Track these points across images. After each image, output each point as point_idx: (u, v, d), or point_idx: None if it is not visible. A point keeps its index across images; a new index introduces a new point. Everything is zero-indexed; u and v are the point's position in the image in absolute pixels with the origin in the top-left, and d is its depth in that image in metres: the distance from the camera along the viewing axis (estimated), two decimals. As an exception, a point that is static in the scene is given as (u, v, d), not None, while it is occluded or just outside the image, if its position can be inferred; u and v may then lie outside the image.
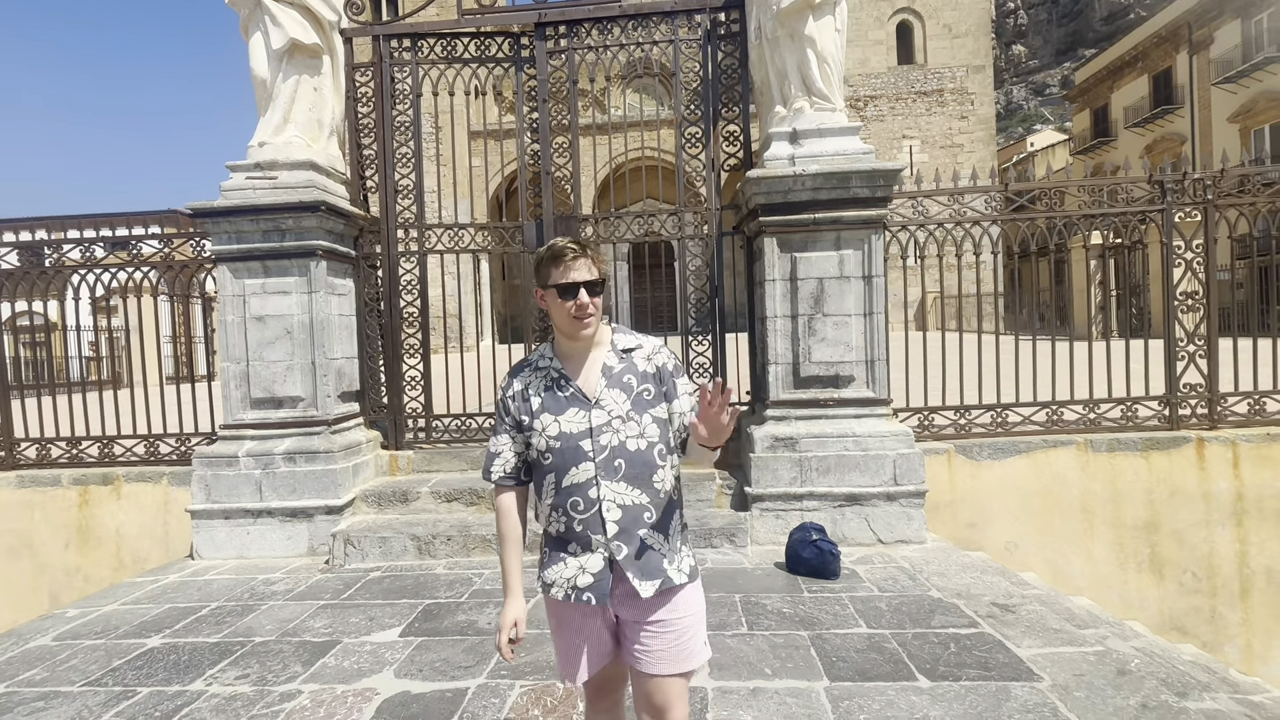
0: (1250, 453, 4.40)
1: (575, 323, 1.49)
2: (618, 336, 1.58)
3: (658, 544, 1.49)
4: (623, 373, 1.52)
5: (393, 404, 5.03)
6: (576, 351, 1.54)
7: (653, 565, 1.48)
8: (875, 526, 4.06)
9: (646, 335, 1.62)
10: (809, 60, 4.27)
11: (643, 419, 1.49)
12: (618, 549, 1.45)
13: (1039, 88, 54.51)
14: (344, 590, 3.64)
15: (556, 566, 1.51)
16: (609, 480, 1.46)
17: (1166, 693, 2.37)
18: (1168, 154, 17.12)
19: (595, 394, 1.50)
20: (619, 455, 1.47)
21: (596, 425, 1.47)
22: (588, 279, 1.48)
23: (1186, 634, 4.31)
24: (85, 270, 5.02)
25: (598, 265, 1.51)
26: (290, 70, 4.52)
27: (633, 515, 1.47)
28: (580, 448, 1.46)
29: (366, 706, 2.43)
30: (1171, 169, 4.65)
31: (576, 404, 1.49)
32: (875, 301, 4.24)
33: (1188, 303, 4.66)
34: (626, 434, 1.48)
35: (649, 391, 1.52)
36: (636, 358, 1.55)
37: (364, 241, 4.99)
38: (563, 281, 1.47)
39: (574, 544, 1.49)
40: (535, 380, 1.55)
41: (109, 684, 2.68)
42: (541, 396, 1.52)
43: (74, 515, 4.94)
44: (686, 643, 1.50)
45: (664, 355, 1.58)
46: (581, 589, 1.48)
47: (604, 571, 1.47)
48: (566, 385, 1.52)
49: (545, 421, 1.49)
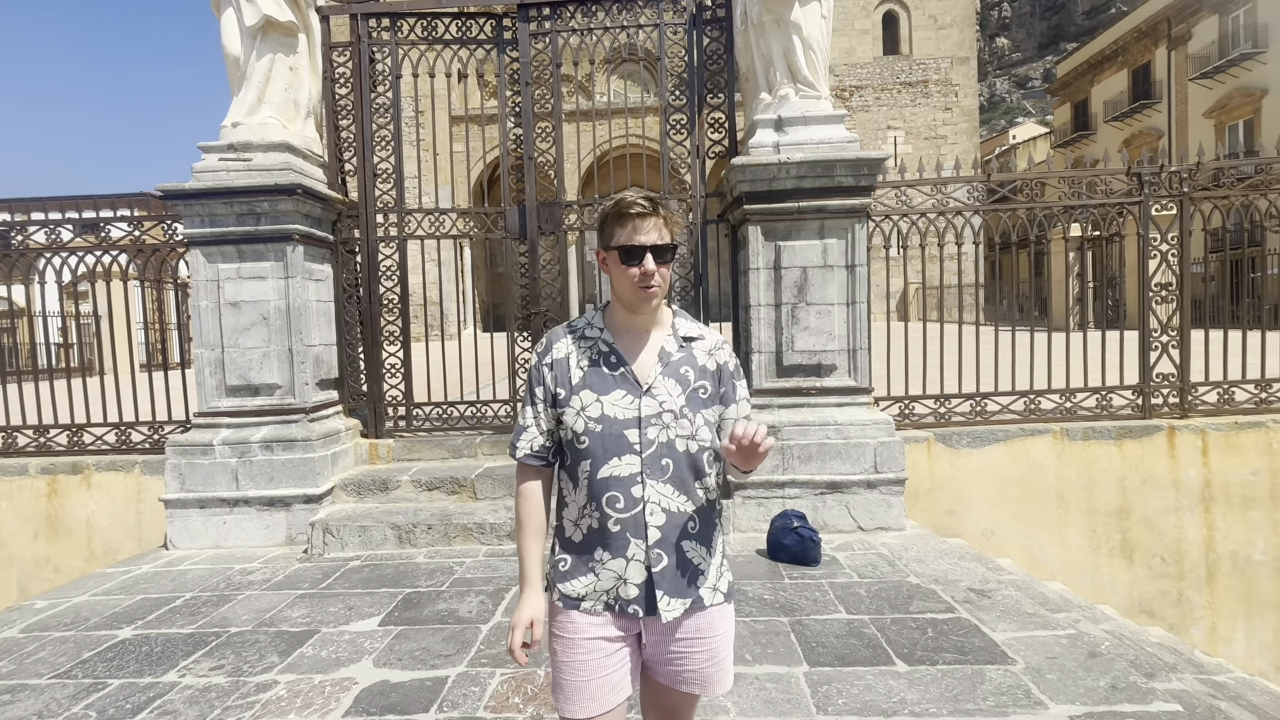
0: (1218, 441, 4.51)
1: (639, 293, 1.29)
2: (680, 321, 1.40)
3: (699, 558, 1.33)
4: (681, 362, 1.35)
5: (372, 392, 4.96)
6: (634, 327, 1.36)
7: (687, 581, 1.32)
8: (856, 514, 4.10)
9: (709, 327, 1.45)
10: (795, 47, 4.24)
11: (695, 418, 1.32)
12: (657, 558, 1.29)
13: (1022, 80, 54.98)
14: (323, 580, 3.60)
15: (585, 578, 1.32)
16: (655, 480, 1.29)
17: (1135, 674, 2.43)
18: (1145, 148, 17.39)
19: (648, 380, 1.32)
20: (667, 454, 1.30)
21: (646, 415, 1.29)
22: (657, 243, 1.28)
23: (1155, 617, 4.43)
24: (52, 254, 4.86)
25: (670, 228, 1.31)
26: (265, 48, 4.39)
27: (675, 523, 1.30)
28: (625, 437, 1.29)
29: (344, 696, 2.40)
30: (1149, 162, 4.72)
31: (625, 386, 1.31)
32: (858, 291, 4.25)
33: (1162, 294, 4.74)
34: (677, 431, 1.31)
35: (705, 389, 1.35)
36: (697, 349, 1.37)
37: (342, 226, 4.89)
38: (627, 244, 1.28)
39: (604, 549, 1.30)
40: (580, 349, 1.36)
41: (78, 676, 2.62)
42: (585, 369, 1.33)
43: (43, 505, 4.82)
44: (720, 664, 1.36)
45: (726, 352, 1.40)
46: (628, 600, 1.29)
47: (645, 583, 1.29)
48: (617, 363, 1.33)
49: (586, 399, 1.31)
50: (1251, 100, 19.42)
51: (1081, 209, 4.73)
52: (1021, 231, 4.75)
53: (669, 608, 1.29)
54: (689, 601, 1.32)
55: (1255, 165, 4.87)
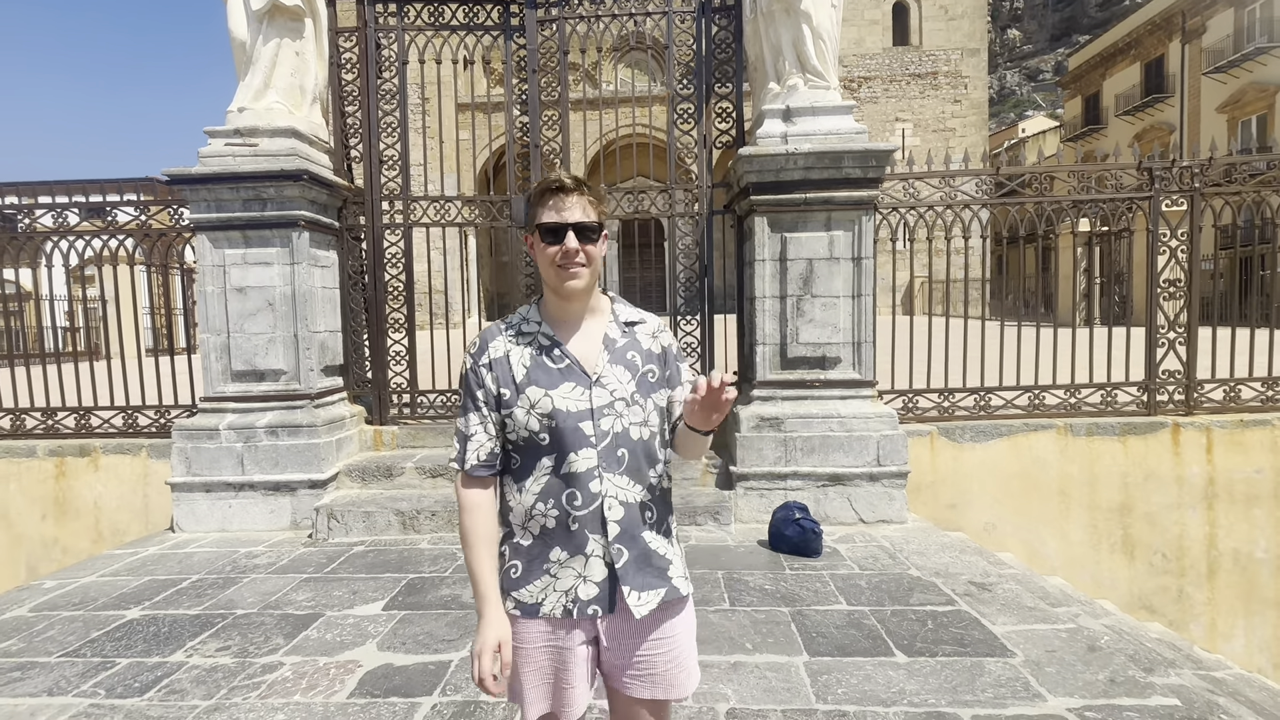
0: (1223, 438, 4.50)
1: (559, 273, 1.23)
2: (619, 307, 1.36)
3: (661, 547, 1.30)
4: (626, 348, 1.31)
5: (377, 379, 4.98)
6: (570, 315, 1.30)
7: (654, 574, 1.28)
8: (857, 506, 4.11)
9: (647, 311, 1.41)
10: (804, 36, 4.20)
11: (647, 404, 1.29)
12: (618, 553, 1.24)
13: (1032, 73, 54.38)
14: (327, 564, 3.63)
15: (541, 581, 1.25)
16: (611, 472, 1.24)
17: (1134, 668, 2.44)
18: (1157, 143, 17.17)
19: (596, 369, 1.27)
20: (622, 444, 1.26)
21: (598, 406, 1.25)
22: (580, 220, 1.22)
23: (1155, 613, 4.45)
24: (59, 237, 4.88)
25: (595, 207, 1.25)
26: (271, 33, 4.37)
27: (633, 515, 1.26)
28: (580, 430, 1.23)
29: (349, 678, 2.43)
30: (1160, 157, 4.67)
31: (573, 378, 1.26)
32: (864, 283, 4.24)
33: (1170, 290, 4.72)
34: (630, 419, 1.26)
35: (653, 373, 1.32)
36: (640, 333, 1.34)
37: (348, 213, 4.89)
38: (547, 220, 1.22)
39: (560, 548, 1.24)
40: (518, 346, 1.29)
41: (87, 655, 2.66)
42: (527, 366, 1.27)
43: (51, 486, 4.86)
44: (686, 661, 1.32)
45: (668, 335, 1.38)
46: (586, 600, 1.23)
47: (606, 580, 1.24)
48: (561, 355, 1.27)
49: (534, 395, 1.24)
50: (1265, 95, 19.17)
51: (1091, 204, 4.69)
52: (1029, 226, 4.72)
53: (640, 602, 1.24)
54: (663, 591, 1.27)
55: (1268, 161, 4.82)
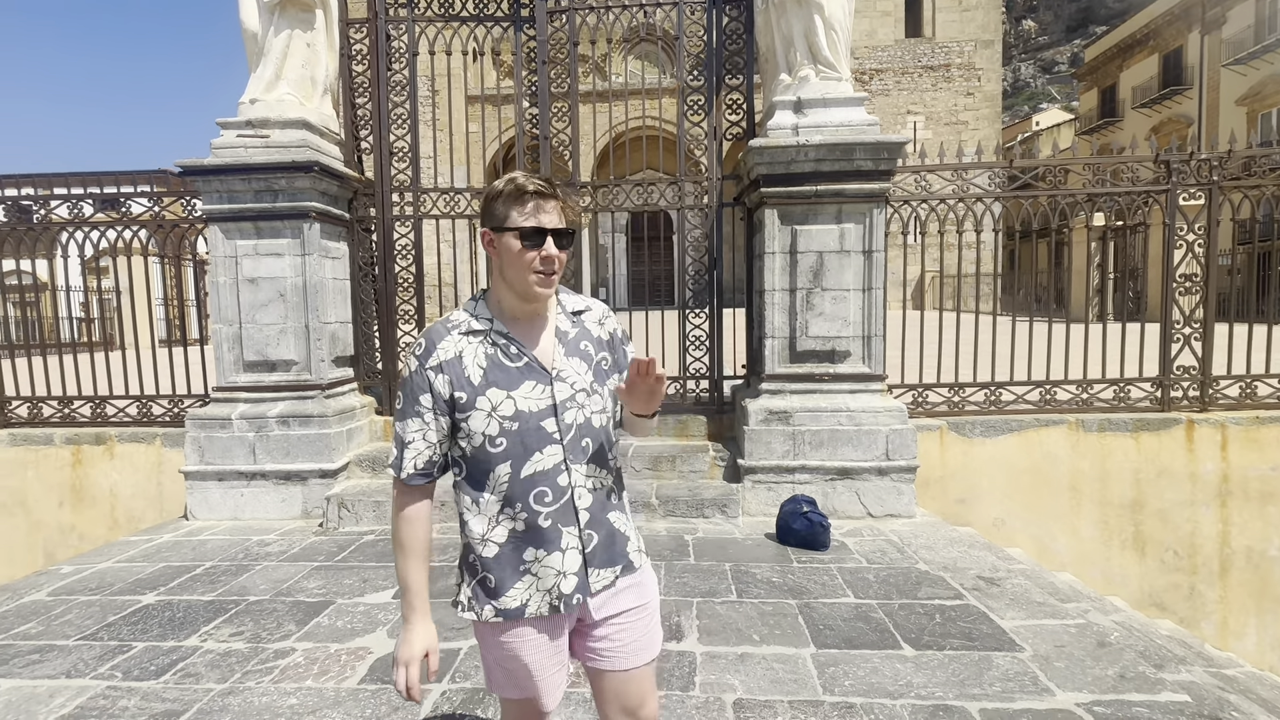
0: (1239, 435, 4.45)
1: (537, 279, 1.22)
2: (564, 296, 1.35)
3: (622, 524, 1.34)
4: (578, 338, 1.31)
5: (387, 370, 5.01)
6: (523, 312, 1.28)
7: (617, 550, 1.32)
8: (866, 500, 4.10)
9: (587, 295, 1.43)
10: (816, 27, 4.16)
11: (604, 391, 1.31)
12: (589, 538, 1.27)
13: (1047, 65, 53.62)
14: (338, 552, 3.67)
15: (522, 582, 1.25)
16: (578, 463, 1.26)
17: (1144, 664, 2.43)
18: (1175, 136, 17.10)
19: (553, 364, 1.26)
20: (586, 434, 1.27)
21: (561, 400, 1.25)
22: (559, 226, 1.22)
23: (1165, 610, 4.42)
24: (74, 228, 4.93)
25: (569, 212, 1.25)
26: (282, 24, 4.38)
27: (600, 499, 1.29)
28: (543, 429, 1.23)
29: (359, 665, 2.46)
30: (1178, 150, 4.60)
31: (532, 376, 1.24)
32: (874, 277, 4.21)
33: (1186, 285, 4.65)
34: (592, 409, 1.28)
35: (606, 360, 1.33)
36: (588, 321, 1.34)
37: (358, 204, 4.91)
38: (529, 225, 1.20)
39: (535, 547, 1.24)
40: (473, 347, 1.25)
41: (104, 638, 2.70)
42: (484, 367, 1.24)
43: (67, 474, 4.94)
44: (654, 627, 1.36)
45: (613, 319, 1.39)
46: (569, 594, 1.25)
47: (582, 567, 1.26)
48: (519, 353, 1.25)
49: (495, 398, 1.22)
50: (1287, 88, 18.83)
51: (1106, 197, 4.63)
52: (1042, 220, 4.67)
53: (598, 579, 1.28)
54: (619, 568, 1.31)
55: (1288, 154, 4.73)
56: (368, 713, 2.16)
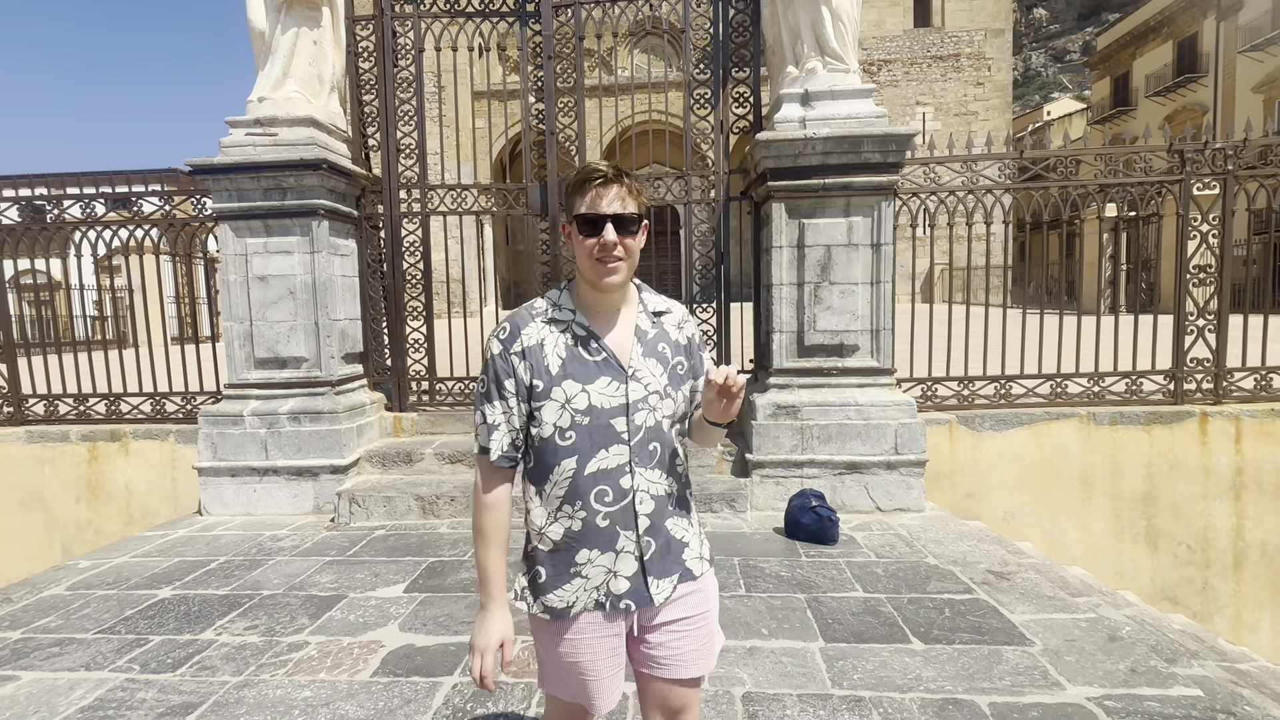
0: (1253, 428, 4.40)
1: (598, 267, 1.19)
2: (646, 295, 1.33)
3: (681, 532, 1.30)
4: (656, 339, 1.28)
5: (396, 366, 5.04)
6: (604, 306, 1.26)
7: (673, 558, 1.28)
8: (875, 494, 4.09)
9: (671, 299, 1.38)
10: (823, 18, 4.13)
11: (677, 396, 1.27)
12: (647, 545, 1.24)
13: (1059, 54, 52.90)
14: (349, 547, 3.71)
15: (572, 585, 1.23)
16: (644, 467, 1.22)
17: (1156, 659, 2.41)
18: (1189, 124, 16.87)
19: (630, 362, 1.23)
20: (654, 438, 1.23)
21: (634, 400, 1.21)
22: (619, 212, 1.18)
23: (1178, 604, 4.38)
24: (86, 227, 4.98)
25: (636, 198, 1.20)
26: (289, 22, 4.40)
27: (662, 506, 1.25)
28: (612, 427, 1.20)
29: (372, 658, 2.49)
30: (1192, 139, 4.54)
31: (610, 372, 1.22)
32: (883, 270, 4.19)
33: (1200, 277, 4.60)
34: (663, 413, 1.24)
35: (682, 365, 1.30)
36: (668, 324, 1.31)
37: (366, 201, 4.93)
38: (586, 213, 1.18)
39: (589, 549, 1.22)
40: (554, 335, 1.23)
41: (121, 632, 2.75)
42: (563, 357, 1.22)
43: (84, 470, 5.01)
44: (711, 636, 1.32)
45: (692, 324, 1.37)
46: (618, 595, 1.23)
47: (637, 573, 1.23)
48: (599, 348, 1.23)
49: (570, 390, 1.20)
50: (1305, 74, 18.49)
51: (1118, 187, 4.58)
52: (1054, 211, 4.62)
53: (659, 590, 1.25)
54: (676, 576, 1.27)
55: (1306, 142, 4.65)
56: (380, 705, 2.19)
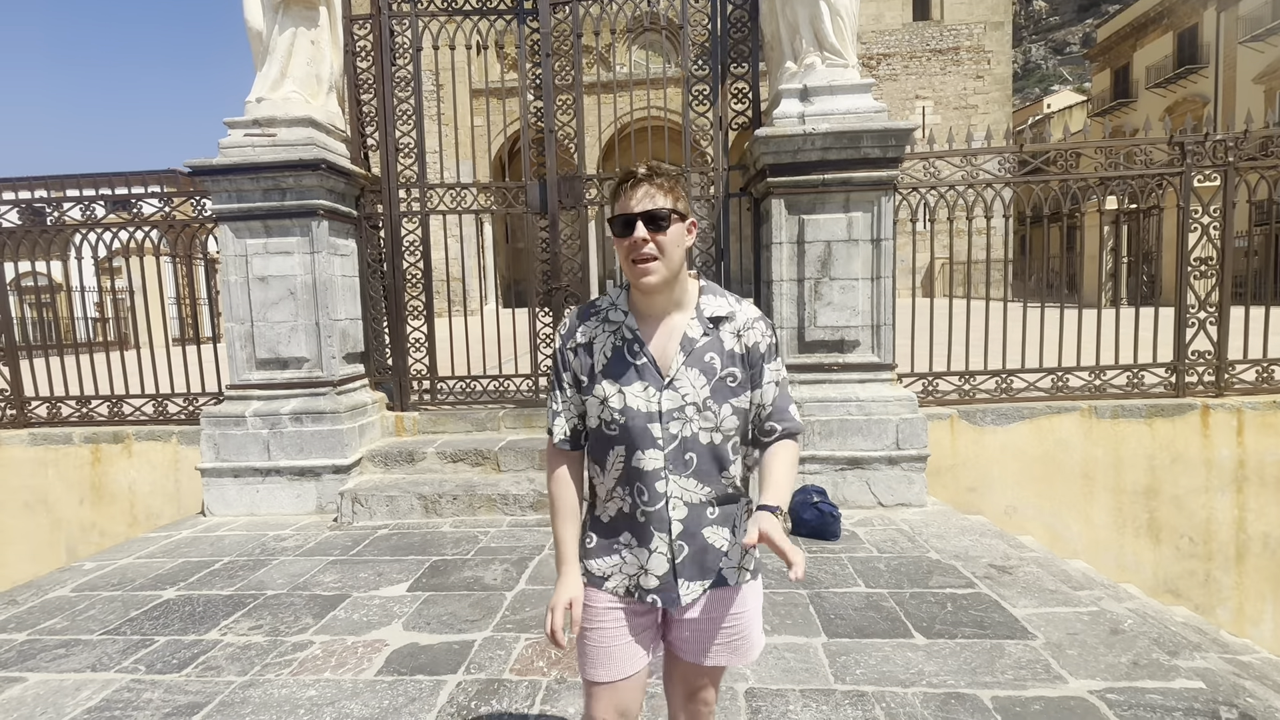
0: (1255, 420, 4.40)
1: (633, 268, 1.20)
2: (706, 299, 1.28)
3: (720, 541, 1.29)
4: (706, 349, 1.25)
5: (397, 366, 5.04)
6: (654, 309, 1.26)
7: (708, 565, 1.29)
8: (876, 490, 4.10)
9: (742, 300, 1.32)
10: (822, 13, 4.12)
11: (721, 409, 1.24)
12: (679, 549, 1.27)
13: (1059, 46, 52.70)
14: (352, 547, 3.72)
15: (610, 559, 1.31)
16: (678, 474, 1.24)
17: (1158, 651, 2.42)
18: (1190, 116, 16.76)
19: (670, 370, 1.24)
20: (690, 448, 1.24)
21: (667, 410, 1.23)
22: (648, 209, 1.18)
23: (1180, 597, 4.39)
24: (87, 229, 4.98)
25: (670, 193, 1.20)
26: (286, 22, 4.39)
27: (696, 514, 1.27)
28: (649, 431, 1.23)
29: (376, 657, 2.50)
30: (1192, 130, 4.52)
31: (646, 378, 1.24)
32: (883, 265, 4.19)
33: (1201, 269, 4.59)
34: (700, 425, 1.23)
35: (734, 377, 1.25)
36: (725, 332, 1.27)
37: (365, 201, 4.93)
38: (617, 214, 1.21)
39: (629, 534, 1.29)
40: (603, 333, 1.28)
41: (127, 633, 2.76)
42: (607, 356, 1.26)
43: (87, 472, 5.02)
44: (745, 638, 1.35)
45: (758, 331, 1.28)
46: (647, 589, 1.29)
47: (667, 574, 1.27)
48: (639, 351, 1.25)
49: (608, 390, 1.25)
50: (1306, 64, 18.40)
51: (1118, 180, 4.57)
52: (1054, 205, 4.61)
53: (688, 591, 1.28)
54: (708, 582, 1.29)
55: (1307, 133, 4.63)
56: (385, 703, 2.20)
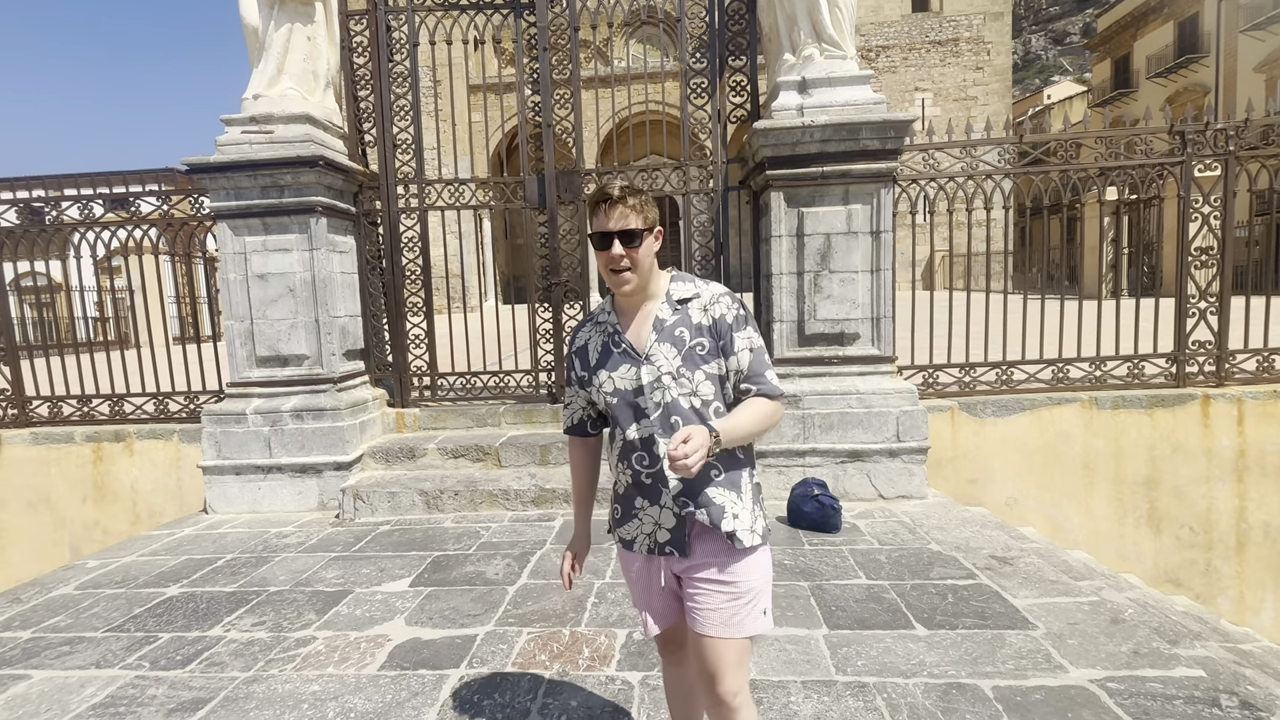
0: (1255, 409, 4.39)
1: (611, 277, 1.42)
2: (674, 285, 1.49)
3: (725, 500, 1.44)
4: (675, 325, 1.44)
5: (397, 362, 5.04)
6: (630, 306, 1.49)
7: (714, 521, 1.43)
8: (877, 482, 4.10)
9: (710, 282, 1.50)
10: (820, 4, 4.10)
11: (695, 375, 1.42)
12: (683, 504, 1.44)
13: (1059, 36, 52.43)
14: (354, 543, 3.73)
15: (632, 524, 1.52)
16: (667, 438, 1.41)
17: (1158, 640, 2.42)
18: (1190, 105, 16.70)
19: (645, 349, 1.44)
20: (674, 412, 1.42)
21: (648, 382, 1.42)
22: (624, 228, 1.38)
23: (1181, 586, 4.40)
24: (85, 229, 4.98)
25: (640, 212, 1.40)
26: (283, 18, 4.37)
27: (700, 473, 1.40)
28: (637, 404, 1.44)
29: (379, 652, 2.51)
30: (1193, 120, 4.50)
31: (628, 360, 1.45)
32: (883, 258, 4.18)
33: (1202, 259, 4.57)
34: (678, 391, 1.41)
35: (702, 346, 1.43)
36: (692, 308, 1.45)
37: (364, 197, 4.92)
38: (594, 231, 1.41)
39: (642, 498, 1.49)
40: (595, 335, 1.53)
41: (131, 630, 2.77)
42: (599, 352, 1.51)
43: (89, 471, 5.03)
44: (741, 607, 1.44)
45: (723, 305, 1.45)
46: (663, 543, 1.48)
47: (677, 527, 1.46)
48: (620, 340, 1.48)
49: (601, 378, 1.48)
50: (1307, 52, 18.30)
51: (1119, 170, 4.55)
52: (1054, 195, 4.60)
53: (697, 535, 1.45)
54: (720, 538, 1.44)
55: (1308, 121, 4.61)
56: (388, 698, 2.21)
